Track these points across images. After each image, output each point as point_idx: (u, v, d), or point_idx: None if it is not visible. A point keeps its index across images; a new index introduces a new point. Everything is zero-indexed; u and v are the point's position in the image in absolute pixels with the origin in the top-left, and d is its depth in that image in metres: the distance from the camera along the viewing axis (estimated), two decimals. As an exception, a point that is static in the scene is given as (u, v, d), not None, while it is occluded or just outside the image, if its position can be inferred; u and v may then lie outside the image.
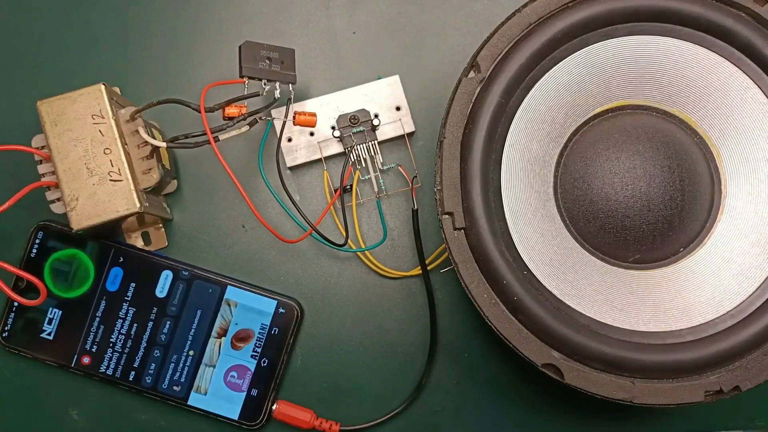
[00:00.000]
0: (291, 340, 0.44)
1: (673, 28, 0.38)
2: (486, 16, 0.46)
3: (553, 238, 0.38)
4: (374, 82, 0.45)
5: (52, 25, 0.46)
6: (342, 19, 0.46)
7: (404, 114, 0.45)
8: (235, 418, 0.43)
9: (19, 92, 0.46)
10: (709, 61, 0.38)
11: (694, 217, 0.38)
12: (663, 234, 0.38)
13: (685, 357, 0.35)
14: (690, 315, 0.37)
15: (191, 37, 0.46)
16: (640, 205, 0.38)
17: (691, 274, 0.38)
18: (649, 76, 0.39)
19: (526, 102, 0.38)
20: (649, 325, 0.36)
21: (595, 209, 0.38)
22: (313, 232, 0.42)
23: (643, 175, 0.38)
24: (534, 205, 0.38)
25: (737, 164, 0.38)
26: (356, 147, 0.44)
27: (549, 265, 0.37)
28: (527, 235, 0.37)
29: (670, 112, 0.39)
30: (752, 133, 0.38)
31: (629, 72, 0.39)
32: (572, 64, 0.38)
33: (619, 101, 0.39)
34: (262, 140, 0.44)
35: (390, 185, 0.45)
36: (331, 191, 0.45)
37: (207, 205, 0.46)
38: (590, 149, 0.39)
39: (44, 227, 0.44)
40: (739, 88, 0.38)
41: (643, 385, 0.35)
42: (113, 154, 0.39)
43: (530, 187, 0.38)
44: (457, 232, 0.36)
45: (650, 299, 0.37)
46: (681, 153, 0.38)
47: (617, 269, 0.38)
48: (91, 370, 0.43)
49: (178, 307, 0.44)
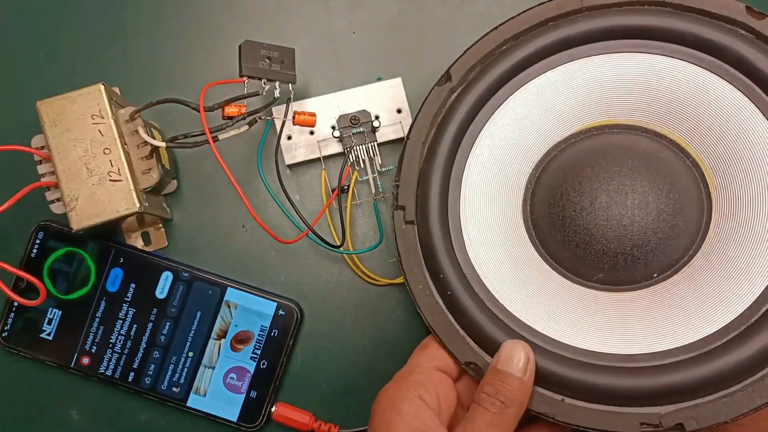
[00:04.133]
0: (290, 342, 0.43)
1: (663, 45, 0.37)
2: (486, 16, 0.46)
3: (511, 245, 0.37)
4: (376, 84, 0.45)
5: (52, 25, 0.46)
6: (342, 19, 0.46)
7: (405, 117, 0.45)
8: (234, 420, 0.43)
9: (19, 92, 0.46)
10: (697, 76, 0.36)
11: (673, 245, 0.36)
12: (632, 258, 0.36)
13: (620, 383, 0.33)
14: (639, 343, 0.34)
15: (191, 37, 0.46)
16: (612, 226, 0.36)
17: (656, 302, 0.35)
18: (633, 94, 0.37)
19: (498, 115, 0.38)
20: (590, 344, 0.34)
21: (565, 226, 0.37)
22: (310, 233, 0.41)
23: (625, 194, 0.36)
24: (496, 211, 0.38)
25: (731, 195, 0.36)
26: (356, 148, 0.44)
27: (498, 269, 0.37)
28: (481, 238, 0.37)
29: (660, 133, 0.38)
30: (751, 161, 0.35)
31: (609, 90, 0.38)
32: (550, 80, 0.38)
33: (600, 120, 0.38)
34: (261, 140, 0.44)
35: (388, 187, 0.45)
36: (329, 191, 0.45)
37: (207, 205, 0.45)
38: (567, 168, 0.38)
39: (44, 227, 0.44)
40: (733, 106, 0.36)
41: (571, 404, 0.33)
42: (113, 154, 0.39)
43: (494, 196, 0.38)
44: (407, 225, 0.37)
45: (600, 319, 0.35)
46: (672, 176, 0.36)
47: (578, 287, 0.37)
48: (90, 371, 0.43)
49: (177, 308, 0.44)
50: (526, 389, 0.33)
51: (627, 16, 0.36)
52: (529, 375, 0.33)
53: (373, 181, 0.44)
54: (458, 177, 0.38)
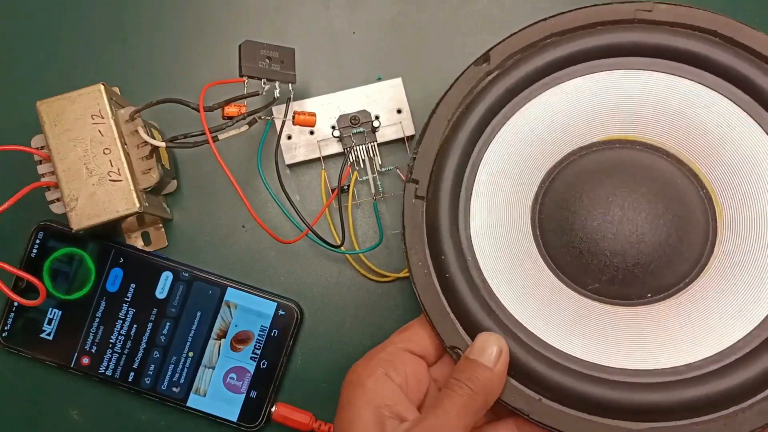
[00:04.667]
0: (290, 342, 0.43)
1: (703, 74, 0.36)
2: (486, 16, 0.46)
3: (515, 241, 0.37)
4: (377, 84, 0.45)
5: (52, 25, 0.46)
6: (342, 19, 0.46)
7: (405, 117, 0.45)
8: (234, 420, 0.43)
9: (19, 92, 0.46)
10: (730, 113, 0.36)
11: (673, 270, 0.36)
12: (632, 275, 0.36)
13: (598, 393, 0.33)
14: (620, 358, 0.34)
15: (191, 37, 0.46)
16: (620, 240, 0.36)
17: (646, 322, 0.35)
18: (665, 117, 0.37)
19: (529, 107, 0.38)
20: (575, 350, 0.34)
21: (572, 231, 0.37)
22: (309, 233, 0.41)
23: (638, 212, 0.36)
24: (506, 203, 0.38)
25: (736, 235, 0.36)
26: (356, 148, 0.44)
27: (499, 261, 0.36)
28: (487, 227, 0.37)
29: (682, 160, 0.37)
30: (763, 205, 0.35)
31: (642, 106, 0.37)
32: (587, 83, 0.37)
33: (628, 135, 0.38)
34: (261, 140, 0.44)
35: (388, 187, 0.45)
36: (329, 191, 0.45)
37: (207, 205, 0.45)
38: (586, 174, 0.37)
39: (44, 227, 0.44)
40: (756, 147, 0.36)
41: (548, 405, 0.33)
42: (113, 154, 0.39)
43: (508, 187, 0.38)
44: (417, 200, 0.37)
45: (588, 328, 0.35)
46: (687, 204, 0.37)
47: (572, 293, 0.37)
48: (90, 371, 0.43)
49: (177, 308, 0.44)
50: (496, 380, 0.33)
51: (676, 38, 0.36)
52: (500, 367, 0.33)
53: (373, 181, 0.44)
54: (477, 161, 0.37)
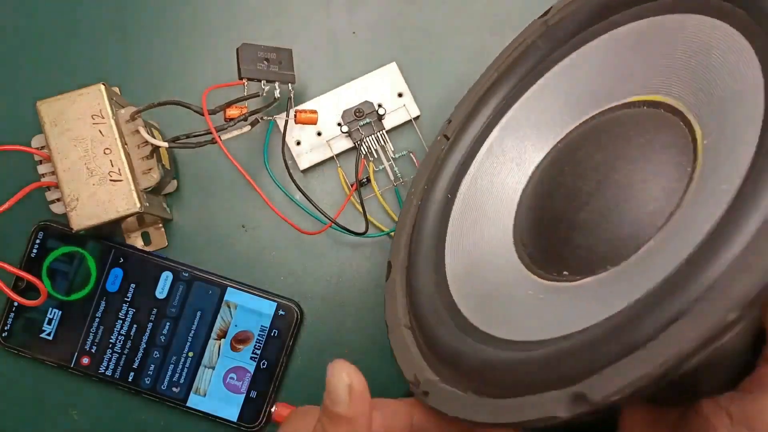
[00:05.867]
0: (290, 342, 0.43)
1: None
2: (486, 16, 0.46)
3: (490, 220, 0.37)
4: (371, 73, 0.45)
5: (52, 25, 0.46)
6: (342, 19, 0.46)
7: (407, 99, 0.45)
8: (234, 420, 0.43)
9: (19, 92, 0.46)
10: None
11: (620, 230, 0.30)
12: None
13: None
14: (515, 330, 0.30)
15: (191, 37, 0.46)
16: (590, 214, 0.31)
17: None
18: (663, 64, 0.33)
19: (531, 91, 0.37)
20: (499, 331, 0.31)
21: (543, 208, 0.34)
22: (333, 225, 0.42)
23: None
24: (494, 195, 0.37)
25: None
26: (365, 139, 0.44)
27: (464, 232, 0.37)
28: (465, 216, 0.37)
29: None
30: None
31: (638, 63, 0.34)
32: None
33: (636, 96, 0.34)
34: (266, 139, 0.44)
35: (405, 171, 0.45)
36: (348, 186, 0.45)
37: (207, 205, 0.45)
38: (571, 148, 0.35)
39: (44, 227, 0.44)
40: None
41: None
42: (113, 154, 0.39)
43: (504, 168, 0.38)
44: (443, 138, 0.40)
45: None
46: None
47: (546, 282, 0.33)
48: (90, 371, 0.43)
49: (177, 308, 0.44)
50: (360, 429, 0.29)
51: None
52: (354, 407, 0.29)
53: (390, 168, 0.44)
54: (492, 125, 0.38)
